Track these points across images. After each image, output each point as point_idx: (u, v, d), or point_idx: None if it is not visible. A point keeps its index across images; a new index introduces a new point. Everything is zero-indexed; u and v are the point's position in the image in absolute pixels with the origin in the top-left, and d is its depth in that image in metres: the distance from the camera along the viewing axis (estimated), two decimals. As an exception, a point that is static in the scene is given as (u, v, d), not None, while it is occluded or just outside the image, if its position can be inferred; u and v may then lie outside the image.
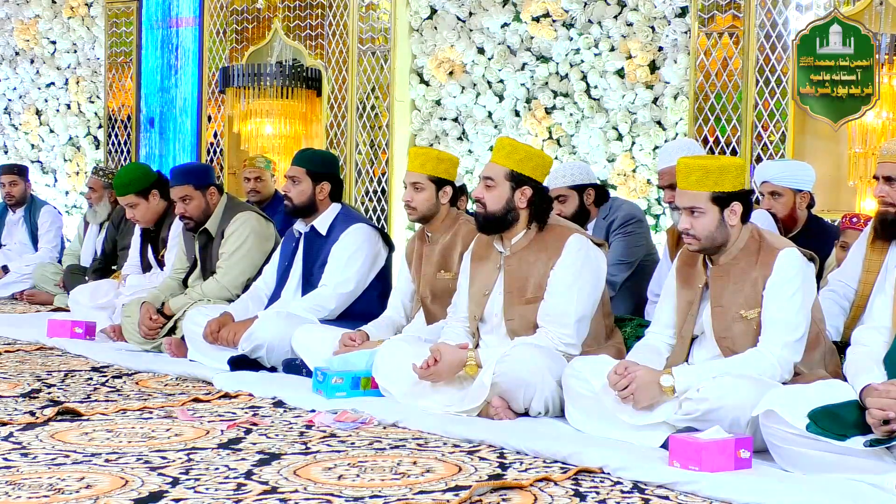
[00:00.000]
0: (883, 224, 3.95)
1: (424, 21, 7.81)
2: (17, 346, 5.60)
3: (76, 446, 3.32)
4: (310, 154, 5.26)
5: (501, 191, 4.01)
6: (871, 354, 3.17)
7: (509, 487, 2.89)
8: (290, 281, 5.11)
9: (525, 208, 4.02)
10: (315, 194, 5.05)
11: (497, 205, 4.01)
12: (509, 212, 4.02)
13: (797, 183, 4.93)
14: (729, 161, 3.60)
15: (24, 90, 10.37)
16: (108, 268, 6.98)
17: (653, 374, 3.45)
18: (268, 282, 5.22)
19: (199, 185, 5.44)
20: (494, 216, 4.03)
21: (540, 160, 4.06)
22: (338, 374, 4.18)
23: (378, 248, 5.07)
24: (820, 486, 2.88)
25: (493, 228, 4.07)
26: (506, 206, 4.01)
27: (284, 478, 2.95)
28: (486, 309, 4.11)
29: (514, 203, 4.01)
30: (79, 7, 9.93)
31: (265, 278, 5.24)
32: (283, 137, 8.21)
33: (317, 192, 5.05)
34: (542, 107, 7.24)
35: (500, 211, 4.02)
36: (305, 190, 5.03)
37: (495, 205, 4.02)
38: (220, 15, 8.86)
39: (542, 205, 4.05)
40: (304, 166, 5.07)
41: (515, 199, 4.01)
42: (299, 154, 5.25)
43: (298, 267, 5.09)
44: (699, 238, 3.53)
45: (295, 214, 5.10)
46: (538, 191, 4.03)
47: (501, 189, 4.01)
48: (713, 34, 6.46)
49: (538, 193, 4.03)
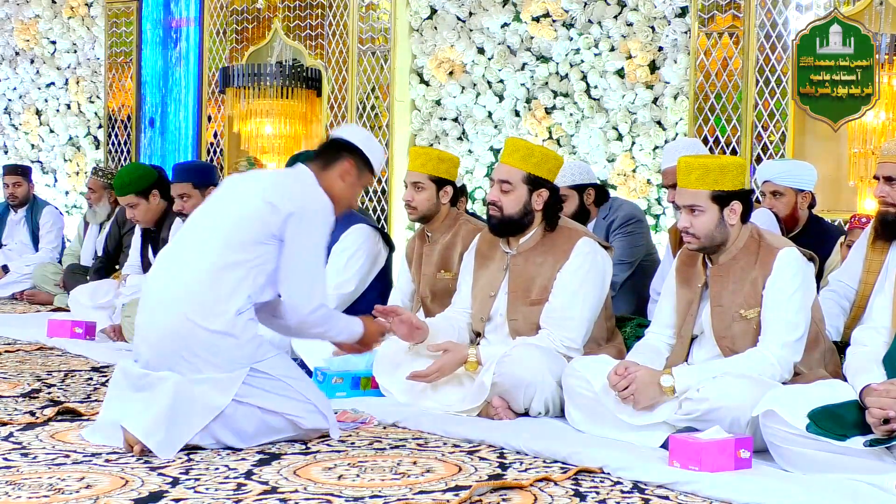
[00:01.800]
0: (883, 224, 3.95)
1: (424, 21, 7.81)
2: (17, 346, 5.60)
3: (76, 446, 3.32)
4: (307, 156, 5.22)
5: (519, 194, 3.99)
6: (871, 354, 3.17)
7: (509, 487, 2.90)
8: None
9: (541, 210, 4.02)
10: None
11: (514, 208, 3.99)
12: (526, 215, 4.01)
13: (799, 183, 4.93)
14: (729, 160, 3.60)
15: (24, 90, 10.37)
16: (110, 267, 6.97)
17: (653, 375, 3.45)
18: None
19: (200, 184, 5.46)
20: (511, 219, 4.01)
21: (555, 162, 4.06)
22: (338, 374, 4.18)
23: (378, 248, 5.07)
24: (820, 486, 2.88)
25: (508, 231, 4.05)
26: (523, 210, 4.00)
27: (284, 478, 2.95)
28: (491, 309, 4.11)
29: (531, 206, 4.00)
30: (79, 7, 9.93)
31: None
32: (283, 137, 8.20)
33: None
34: (542, 107, 7.24)
35: (518, 214, 4.00)
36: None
37: (513, 208, 3.99)
38: (220, 15, 8.86)
39: (556, 206, 4.05)
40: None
41: (532, 201, 4.00)
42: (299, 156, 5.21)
43: None
44: (699, 237, 3.53)
45: None
46: (553, 192, 4.03)
47: (519, 192, 3.99)
48: (713, 34, 6.46)
49: (553, 196, 4.03)
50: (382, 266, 5.10)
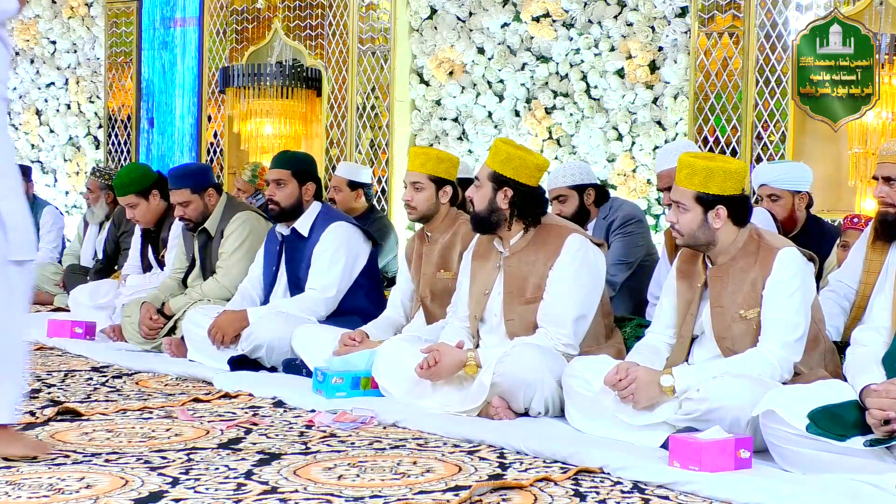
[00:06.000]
0: (883, 225, 3.95)
1: (424, 21, 7.81)
2: (17, 346, 5.59)
3: (76, 446, 3.32)
4: (291, 156, 5.23)
5: (485, 191, 4.05)
6: (871, 355, 3.17)
7: (509, 487, 2.89)
8: (278, 286, 5.11)
9: (507, 209, 4.03)
10: (302, 196, 5.04)
11: (481, 205, 4.06)
12: (493, 212, 4.04)
13: (795, 184, 4.93)
14: (719, 165, 3.53)
15: (24, 90, 10.37)
16: (109, 268, 6.97)
17: (653, 375, 3.45)
18: (254, 283, 5.21)
19: (197, 188, 5.43)
20: (480, 216, 4.07)
21: (520, 161, 4.02)
22: (338, 374, 4.18)
23: (359, 246, 5.07)
24: (820, 486, 2.88)
25: (482, 228, 4.11)
26: (489, 207, 4.04)
27: (284, 478, 2.95)
28: (485, 309, 4.11)
29: (496, 203, 4.03)
30: (79, 7, 9.93)
31: (251, 278, 5.22)
32: (283, 137, 8.21)
33: (303, 194, 5.05)
34: (542, 107, 7.25)
35: (485, 211, 4.05)
36: (293, 192, 5.02)
37: (480, 205, 4.06)
38: (220, 15, 8.86)
39: (527, 206, 4.04)
40: (289, 168, 5.05)
41: (497, 199, 4.03)
42: (281, 157, 5.22)
43: (284, 272, 5.09)
44: (682, 233, 3.56)
45: (281, 218, 5.08)
46: (520, 192, 4.02)
47: (485, 190, 4.05)
48: (713, 34, 6.46)
49: (520, 195, 4.02)
50: (368, 262, 5.10)
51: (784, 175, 4.95)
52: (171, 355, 5.19)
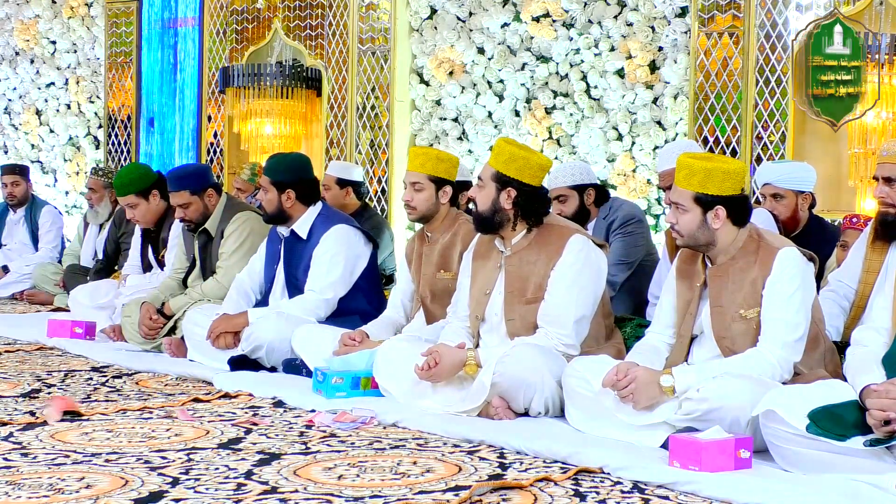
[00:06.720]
0: (883, 225, 3.94)
1: (424, 21, 7.81)
2: (17, 346, 5.60)
3: (76, 446, 3.32)
4: (274, 162, 5.16)
5: (488, 191, 4.04)
6: (871, 355, 3.17)
7: (509, 487, 2.89)
8: (275, 286, 5.11)
9: (511, 209, 4.03)
10: (282, 203, 5.02)
11: (484, 205, 4.05)
12: (496, 212, 4.04)
13: (799, 184, 4.92)
14: (717, 165, 3.53)
15: (24, 90, 10.37)
16: (110, 268, 6.97)
17: (652, 375, 3.44)
18: (253, 276, 5.19)
19: (196, 189, 5.42)
20: (482, 216, 4.06)
21: (524, 162, 4.02)
22: (338, 374, 4.18)
23: (359, 248, 5.07)
24: (820, 486, 2.88)
25: (485, 228, 4.10)
26: (492, 207, 4.03)
27: (284, 478, 2.95)
28: (486, 309, 4.11)
29: (499, 204, 4.03)
30: (79, 7, 9.93)
31: (251, 271, 5.21)
32: (283, 137, 8.21)
33: (283, 201, 5.01)
34: (542, 107, 7.25)
35: (488, 211, 4.04)
36: (272, 199, 5.01)
37: (483, 205, 4.06)
38: (220, 15, 8.86)
39: (530, 206, 4.04)
40: (268, 175, 5.05)
41: (501, 199, 4.02)
42: (267, 162, 5.21)
43: (282, 273, 5.08)
44: (682, 234, 3.56)
45: (271, 222, 5.10)
46: (523, 192, 4.02)
47: (488, 189, 4.04)
48: (713, 34, 6.46)
49: (523, 195, 4.02)
50: (368, 264, 5.10)
51: (788, 174, 4.94)
52: (171, 355, 5.18)
